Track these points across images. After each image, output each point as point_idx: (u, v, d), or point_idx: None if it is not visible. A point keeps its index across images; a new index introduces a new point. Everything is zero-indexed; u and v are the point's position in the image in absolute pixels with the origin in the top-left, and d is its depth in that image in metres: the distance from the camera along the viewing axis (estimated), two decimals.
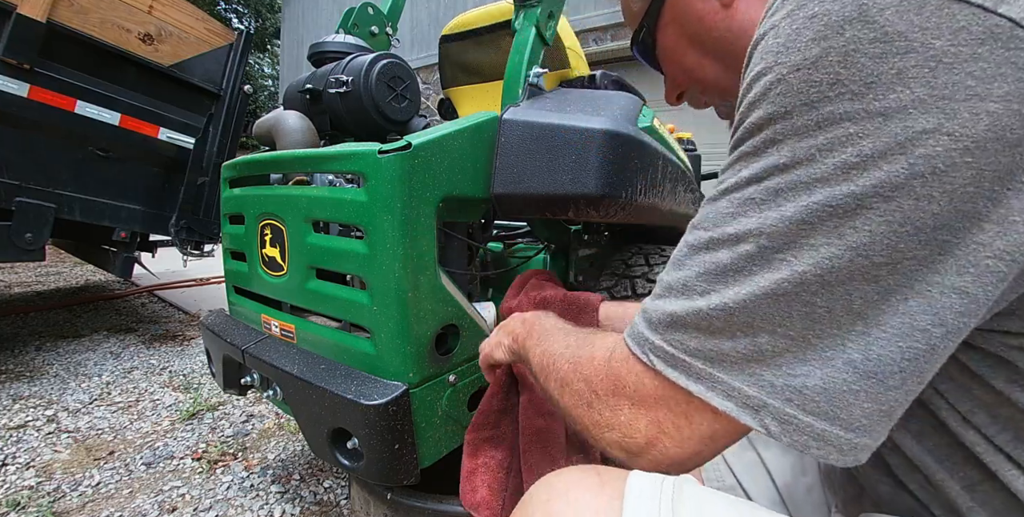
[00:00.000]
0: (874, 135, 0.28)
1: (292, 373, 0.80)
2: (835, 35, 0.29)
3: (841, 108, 0.29)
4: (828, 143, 0.29)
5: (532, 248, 1.13)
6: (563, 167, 0.78)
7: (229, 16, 20.24)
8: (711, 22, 0.51)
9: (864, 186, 0.28)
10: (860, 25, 0.28)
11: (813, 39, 0.29)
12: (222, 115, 2.69)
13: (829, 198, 0.29)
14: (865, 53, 0.28)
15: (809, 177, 0.30)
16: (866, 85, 0.28)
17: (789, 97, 0.30)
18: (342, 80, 1.12)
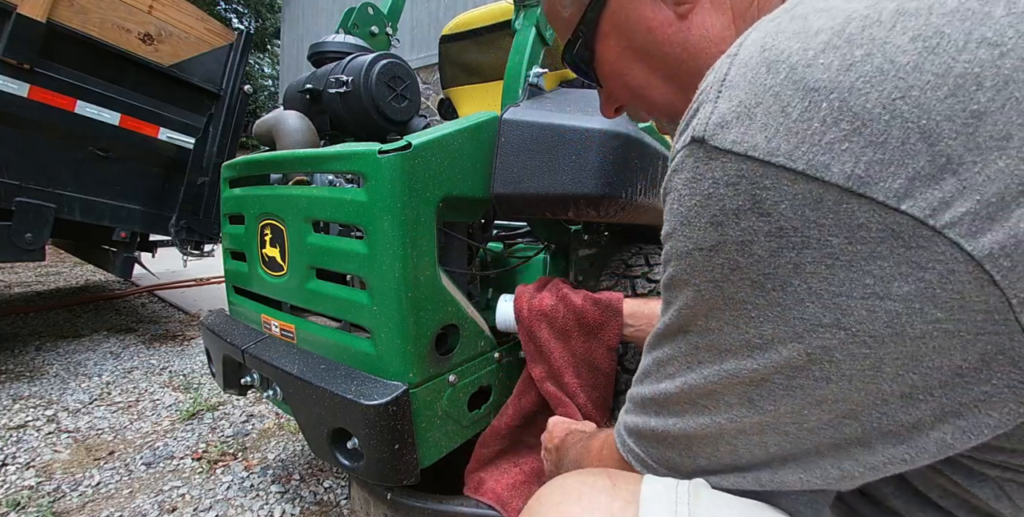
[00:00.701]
0: (774, 322, 0.29)
1: (292, 373, 0.80)
2: (731, 223, 0.28)
3: (742, 293, 0.29)
4: (734, 319, 0.31)
5: (532, 248, 1.13)
6: (563, 167, 0.78)
7: (229, 16, 20.24)
8: (663, 35, 0.42)
9: (766, 365, 0.30)
10: (755, 217, 0.27)
11: (711, 223, 0.29)
12: (222, 115, 2.69)
13: (736, 369, 0.31)
14: (761, 245, 0.28)
15: (720, 346, 0.32)
16: (764, 275, 0.28)
17: (697, 272, 0.31)
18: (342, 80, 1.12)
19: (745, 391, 0.32)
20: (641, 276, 1.05)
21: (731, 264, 0.29)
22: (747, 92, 0.28)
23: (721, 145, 0.28)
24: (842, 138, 0.24)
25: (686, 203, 0.30)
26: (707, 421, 0.34)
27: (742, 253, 0.28)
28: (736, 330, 0.31)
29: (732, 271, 0.29)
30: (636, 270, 1.07)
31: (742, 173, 0.27)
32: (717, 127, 0.28)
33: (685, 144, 0.30)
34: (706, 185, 0.29)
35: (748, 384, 0.31)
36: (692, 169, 0.30)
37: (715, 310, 0.31)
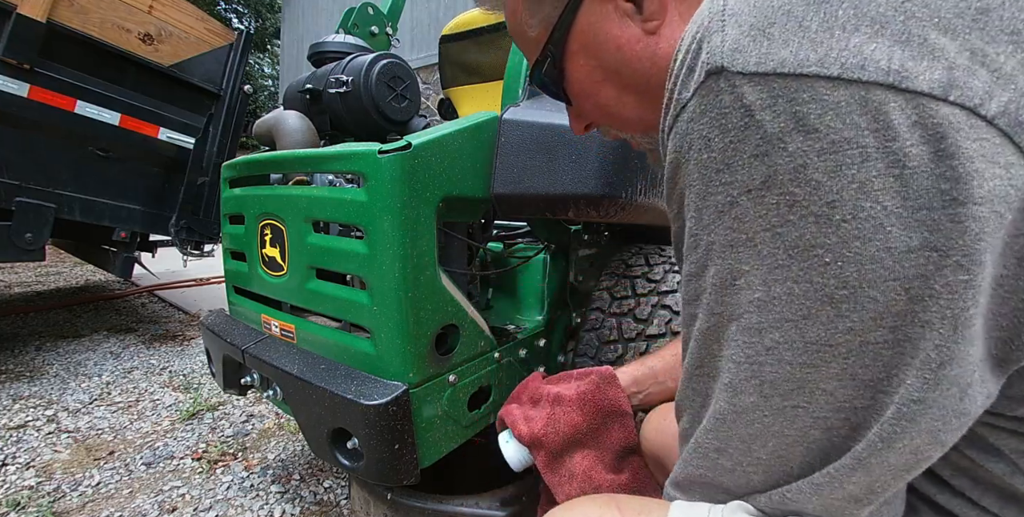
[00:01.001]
0: (855, 261, 0.25)
1: (292, 373, 0.80)
2: (777, 151, 0.25)
3: (808, 234, 0.25)
4: (804, 273, 0.26)
5: (532, 248, 1.13)
6: (563, 167, 0.78)
7: (229, 16, 20.23)
8: (632, 52, 0.41)
9: (863, 320, 0.25)
10: (801, 136, 0.24)
11: (755, 155, 0.26)
12: (222, 115, 2.69)
13: (827, 337, 0.26)
14: (817, 168, 0.24)
15: (795, 314, 0.27)
16: (828, 204, 0.24)
17: (747, 222, 0.27)
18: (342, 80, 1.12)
19: (845, 367, 0.27)
20: (641, 276, 1.05)
21: (787, 200, 0.25)
22: (755, 15, 0.26)
23: (744, 68, 0.26)
24: (867, 40, 0.23)
25: (717, 145, 0.27)
26: (799, 428, 0.29)
27: (797, 182, 0.25)
28: (812, 287, 0.26)
29: (790, 208, 0.25)
30: (636, 270, 1.07)
31: (775, 92, 0.25)
32: (734, 53, 0.26)
33: (700, 82, 0.28)
34: (738, 116, 0.26)
35: (845, 356, 0.26)
36: (716, 105, 0.27)
37: (778, 268, 0.27)
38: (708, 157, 0.28)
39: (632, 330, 0.98)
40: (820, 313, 0.26)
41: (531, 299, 1.10)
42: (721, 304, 0.30)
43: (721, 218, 0.28)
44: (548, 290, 1.06)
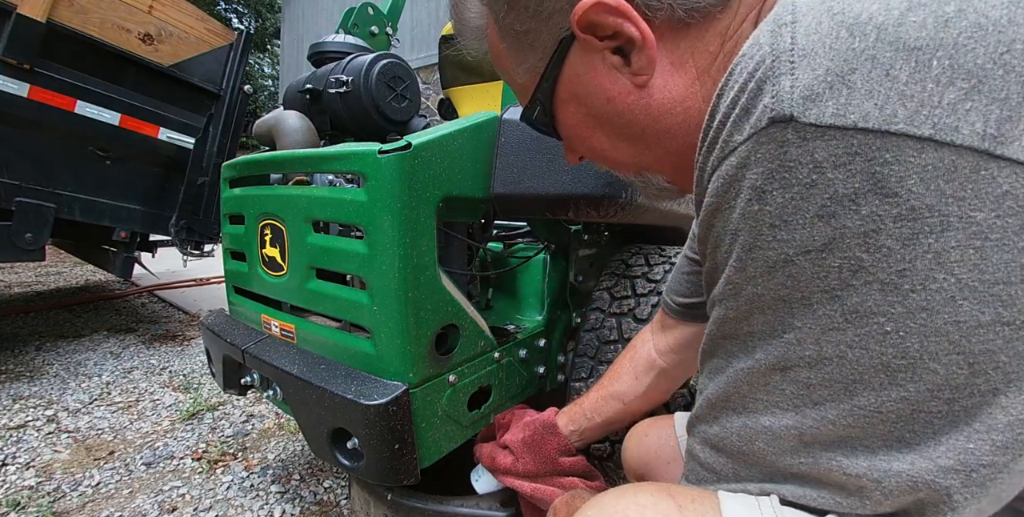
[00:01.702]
0: (919, 333, 0.23)
1: (292, 373, 0.80)
2: (847, 212, 0.24)
3: (871, 300, 0.24)
4: (861, 340, 0.25)
5: (532, 248, 1.13)
6: (563, 167, 0.78)
7: (229, 16, 20.24)
8: (623, 105, 0.40)
9: (919, 391, 0.24)
10: (877, 200, 0.23)
11: (819, 216, 0.24)
12: (222, 115, 2.69)
13: (877, 403, 0.25)
14: (890, 234, 0.23)
15: (845, 377, 0.26)
16: (898, 273, 0.23)
17: (803, 282, 0.26)
18: (342, 80, 1.12)
19: (892, 431, 0.26)
20: (641, 276, 1.05)
21: (852, 265, 0.24)
22: (833, 59, 0.24)
23: (819, 120, 0.23)
24: (963, 97, 0.21)
25: (775, 200, 0.25)
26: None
27: (866, 247, 0.24)
28: (867, 353, 0.25)
29: (854, 274, 0.24)
30: (636, 270, 1.07)
31: (853, 149, 0.23)
32: (807, 101, 0.24)
33: (760, 129, 0.25)
34: (805, 172, 0.24)
35: (895, 422, 0.25)
36: (778, 157, 0.25)
37: (833, 330, 0.26)
38: (760, 209, 0.26)
39: (632, 330, 0.98)
40: (873, 380, 0.25)
41: (531, 299, 1.10)
42: (765, 351, 0.29)
43: (772, 274, 0.27)
44: (548, 290, 1.06)
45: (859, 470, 0.27)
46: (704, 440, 0.36)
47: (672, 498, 0.34)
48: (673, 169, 0.44)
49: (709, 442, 0.36)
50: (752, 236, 0.27)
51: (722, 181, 0.28)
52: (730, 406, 0.33)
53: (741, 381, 0.32)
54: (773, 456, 0.31)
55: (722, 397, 0.34)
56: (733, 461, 0.34)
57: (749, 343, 0.31)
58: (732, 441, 0.33)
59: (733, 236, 0.29)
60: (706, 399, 0.36)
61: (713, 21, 0.35)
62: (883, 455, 0.27)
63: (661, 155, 0.42)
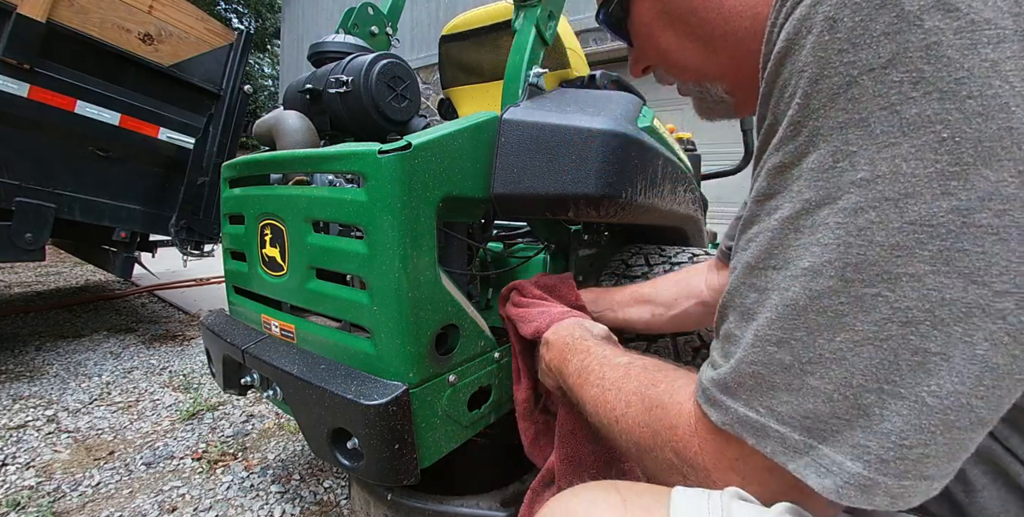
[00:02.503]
0: (973, 138, 0.24)
1: (292, 373, 0.80)
2: (911, 27, 0.25)
3: (929, 109, 0.25)
4: (916, 150, 0.25)
5: (532, 248, 1.13)
6: (563, 167, 0.78)
7: (229, 16, 20.23)
8: (699, 1, 0.42)
9: (969, 199, 0.24)
10: (940, 14, 0.24)
11: (885, 33, 0.25)
12: (222, 115, 2.69)
13: (928, 216, 0.25)
14: (951, 45, 0.24)
15: (896, 193, 0.26)
16: (956, 81, 0.24)
17: (864, 101, 0.26)
18: (342, 80, 1.12)
19: (940, 250, 0.25)
20: (641, 276, 1.05)
21: (913, 77, 0.25)
22: None
23: None
24: None
25: (845, 25, 0.26)
26: (882, 314, 0.26)
27: (927, 59, 0.24)
28: (921, 163, 0.25)
29: (915, 85, 0.25)
30: (636, 270, 1.07)
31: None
32: None
33: None
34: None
35: (943, 237, 0.25)
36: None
37: (888, 146, 0.26)
38: (830, 38, 0.27)
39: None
40: (925, 191, 0.25)
41: None
42: (815, 188, 0.29)
43: (835, 100, 0.27)
44: None
45: None
46: (741, 313, 0.34)
47: (618, 492, 0.35)
48: (734, 79, 0.45)
49: (746, 312, 0.33)
50: (819, 67, 0.28)
51: (795, 23, 0.29)
52: (771, 264, 0.31)
53: (787, 229, 0.30)
54: (807, 300, 0.29)
55: (763, 255, 0.32)
56: (759, 323, 0.32)
57: (795, 188, 0.30)
58: (771, 299, 0.31)
59: (799, 74, 0.29)
60: (744, 266, 0.34)
61: None
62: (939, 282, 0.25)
63: (725, 61, 0.44)
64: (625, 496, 0.34)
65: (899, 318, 0.26)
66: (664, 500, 0.33)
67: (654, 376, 0.45)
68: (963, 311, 0.25)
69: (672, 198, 0.99)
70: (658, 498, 0.33)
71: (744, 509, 0.31)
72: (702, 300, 0.80)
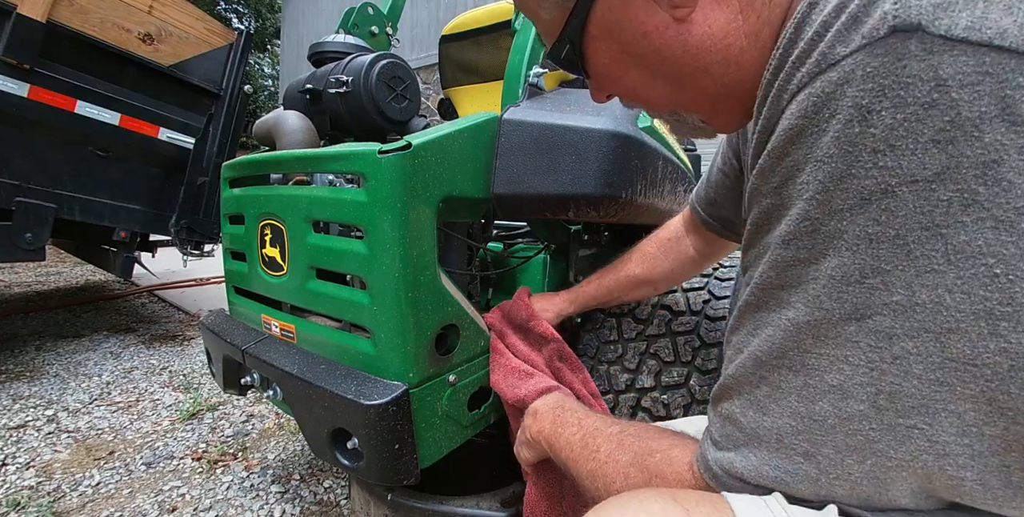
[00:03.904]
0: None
1: (292, 373, 0.80)
2: (967, 139, 0.21)
3: (980, 239, 0.22)
4: (963, 283, 0.22)
5: (532, 248, 1.13)
6: (563, 167, 0.78)
7: (229, 16, 20.23)
8: (661, 41, 0.37)
9: (1020, 343, 0.22)
10: (1004, 127, 0.21)
11: (935, 141, 0.22)
12: (222, 115, 2.69)
13: (973, 355, 0.23)
14: (1013, 167, 0.21)
15: (938, 326, 0.23)
16: (1016, 210, 0.21)
17: (902, 217, 0.23)
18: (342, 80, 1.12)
19: (984, 390, 0.23)
20: None
21: (964, 198, 0.22)
22: None
23: (950, 32, 0.21)
24: None
25: (883, 121, 0.23)
26: (910, 450, 0.26)
27: (983, 180, 0.21)
28: (968, 299, 0.22)
29: (965, 208, 0.22)
30: None
31: (985, 68, 0.20)
32: (936, 9, 0.21)
33: (875, 38, 0.22)
34: (925, 90, 0.22)
35: (989, 379, 0.23)
36: (895, 71, 0.22)
37: (929, 273, 0.23)
38: (862, 132, 0.23)
39: (632, 330, 0.98)
40: (971, 329, 0.23)
41: None
42: (838, 299, 0.27)
43: (864, 207, 0.24)
44: (548, 290, 1.06)
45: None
46: (750, 401, 0.33)
47: (676, 502, 0.33)
48: (709, 109, 0.42)
49: (756, 404, 0.32)
50: (846, 163, 0.24)
51: (814, 100, 0.25)
52: (786, 364, 0.30)
53: (804, 334, 0.29)
54: (836, 420, 0.28)
55: (775, 353, 0.31)
56: (780, 425, 0.31)
57: (811, 291, 0.28)
58: (789, 402, 0.30)
59: (819, 164, 0.26)
60: (751, 356, 0.33)
61: None
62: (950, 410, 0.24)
63: (697, 94, 0.40)
64: (686, 506, 0.32)
65: (936, 451, 0.25)
66: (724, 507, 0.32)
67: (648, 445, 0.44)
68: (1002, 447, 0.24)
69: (672, 198, 0.99)
70: (717, 505, 0.32)
71: (800, 512, 0.30)
72: (695, 265, 0.85)
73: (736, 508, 0.31)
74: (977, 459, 0.25)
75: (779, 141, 0.28)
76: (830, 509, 0.30)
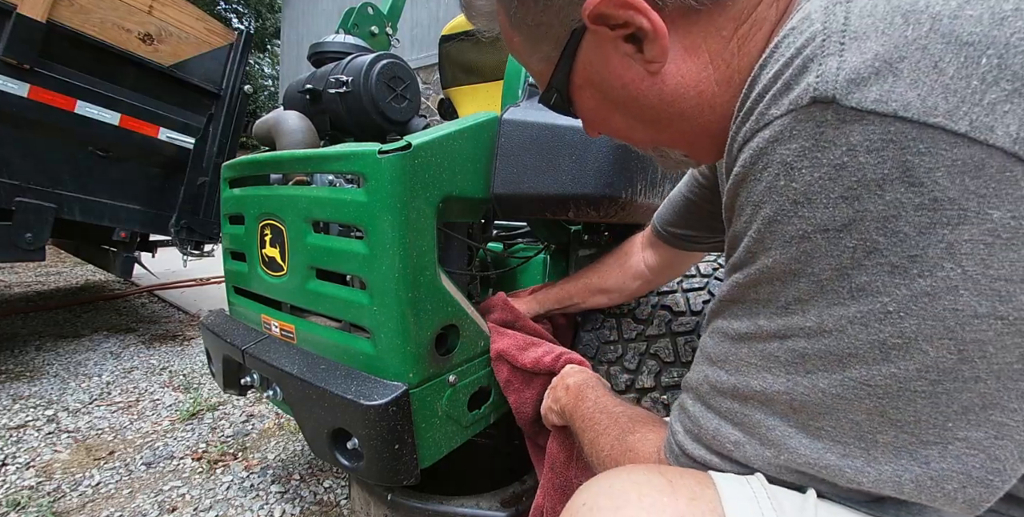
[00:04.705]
0: (918, 316, 0.25)
1: (292, 373, 0.80)
2: (871, 196, 0.24)
3: (879, 281, 0.25)
4: (863, 316, 0.26)
5: (532, 248, 1.13)
6: (563, 167, 0.78)
7: (229, 16, 20.23)
8: (637, 90, 0.41)
9: (907, 369, 0.26)
10: (903, 187, 0.24)
11: (843, 197, 0.25)
12: (222, 115, 2.68)
13: (867, 377, 0.27)
14: (909, 221, 0.24)
15: (841, 350, 0.28)
16: (910, 258, 0.24)
17: (816, 259, 0.27)
18: (342, 80, 1.12)
19: (876, 405, 0.27)
20: None
21: (866, 246, 0.25)
22: (884, 44, 0.24)
23: (860, 105, 0.24)
24: (1004, 98, 0.22)
25: (803, 177, 0.26)
26: (819, 448, 0.30)
27: (883, 231, 0.25)
28: (865, 330, 0.26)
29: (867, 255, 0.25)
30: None
31: (889, 136, 0.23)
32: (850, 84, 0.24)
33: (800, 106, 0.26)
34: (837, 153, 0.25)
35: (880, 396, 0.27)
36: (814, 136, 0.25)
37: (837, 305, 0.27)
38: (785, 185, 0.27)
39: (632, 330, 0.98)
40: (868, 355, 0.27)
41: None
42: (770, 320, 0.31)
43: (786, 248, 0.28)
44: None
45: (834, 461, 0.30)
46: (697, 396, 0.39)
47: (662, 475, 0.36)
48: (688, 146, 0.46)
49: (701, 398, 0.38)
50: (774, 209, 0.28)
51: (752, 152, 0.29)
52: (726, 367, 0.35)
53: (740, 344, 0.34)
54: (761, 415, 0.33)
55: (720, 356, 0.36)
56: (720, 417, 0.36)
57: (753, 309, 0.32)
58: (723, 400, 0.36)
59: (755, 207, 0.30)
60: (705, 356, 0.38)
61: (725, 6, 0.35)
62: (859, 432, 0.29)
63: (675, 135, 0.44)
64: (670, 478, 0.36)
65: (838, 450, 0.30)
66: (708, 482, 0.35)
67: (634, 426, 0.51)
68: (892, 452, 0.28)
69: None
70: (701, 481, 0.35)
71: (781, 491, 0.34)
72: (644, 279, 0.90)
73: (719, 483, 0.34)
74: (872, 465, 0.29)
75: (732, 183, 0.32)
76: (811, 493, 0.33)
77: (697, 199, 0.72)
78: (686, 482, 0.35)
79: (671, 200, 0.79)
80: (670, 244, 0.82)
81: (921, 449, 0.27)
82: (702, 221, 0.73)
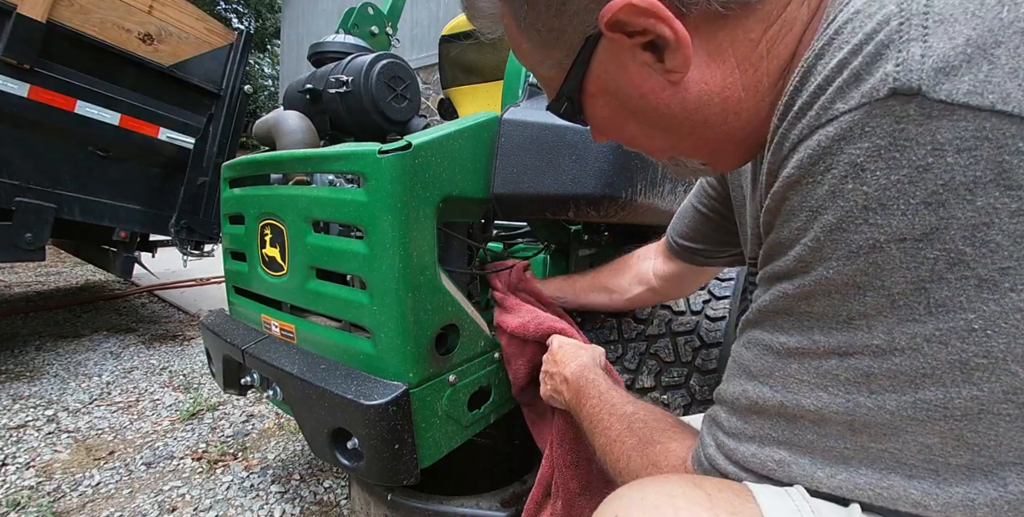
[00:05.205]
0: (1008, 334, 0.22)
1: (292, 373, 0.80)
2: (959, 202, 0.22)
3: (962, 296, 0.23)
4: (942, 334, 0.24)
5: (532, 248, 1.13)
6: (563, 167, 0.78)
7: (229, 16, 20.22)
8: (657, 100, 0.38)
9: (993, 391, 0.23)
10: (998, 191, 0.21)
11: (926, 203, 0.22)
12: (222, 115, 2.68)
13: (944, 399, 0.25)
14: (1002, 229, 0.21)
15: (914, 370, 0.25)
16: (1001, 271, 0.22)
17: (889, 271, 0.24)
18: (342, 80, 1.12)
19: (952, 428, 0.25)
20: None
21: (950, 257, 0.23)
22: (976, 28, 0.21)
23: (950, 97, 0.21)
24: None
25: (877, 180, 0.23)
26: (881, 469, 0.28)
27: (971, 241, 0.22)
28: (945, 349, 0.24)
29: (951, 267, 0.23)
30: None
31: (984, 134, 0.21)
32: (938, 73, 0.21)
33: (875, 99, 0.23)
34: (920, 153, 0.22)
35: (958, 419, 0.25)
36: (891, 133, 0.23)
37: (911, 322, 0.24)
38: (854, 189, 0.24)
39: (632, 330, 0.98)
40: (945, 376, 0.25)
41: None
42: (827, 335, 0.28)
43: (852, 259, 0.26)
44: None
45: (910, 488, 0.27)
46: (733, 410, 0.36)
47: (698, 487, 0.34)
48: (710, 154, 0.43)
49: (738, 413, 0.35)
50: (838, 216, 0.25)
51: (810, 152, 0.26)
52: (770, 383, 0.32)
53: (789, 359, 0.31)
54: (814, 436, 0.30)
55: (762, 371, 0.33)
56: (760, 436, 0.34)
57: (806, 323, 0.30)
58: (767, 417, 0.33)
59: (813, 213, 0.27)
60: (743, 369, 0.35)
61: (754, 9, 0.33)
62: (933, 478, 0.26)
63: (697, 142, 0.41)
64: (708, 491, 0.33)
65: (904, 472, 0.27)
66: (747, 495, 0.33)
67: (652, 435, 0.48)
68: (965, 474, 0.26)
69: (672, 198, 0.99)
70: (740, 493, 0.33)
71: (823, 504, 0.31)
72: (651, 287, 0.87)
73: (759, 496, 0.32)
74: (942, 487, 0.26)
75: (780, 186, 0.29)
76: (854, 507, 0.31)
77: (706, 210, 0.71)
78: (725, 496, 0.33)
79: (682, 211, 0.77)
80: (681, 258, 0.80)
81: (998, 471, 0.25)
82: (710, 234, 0.72)
